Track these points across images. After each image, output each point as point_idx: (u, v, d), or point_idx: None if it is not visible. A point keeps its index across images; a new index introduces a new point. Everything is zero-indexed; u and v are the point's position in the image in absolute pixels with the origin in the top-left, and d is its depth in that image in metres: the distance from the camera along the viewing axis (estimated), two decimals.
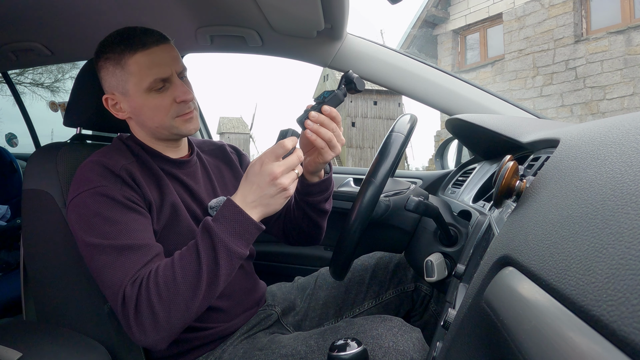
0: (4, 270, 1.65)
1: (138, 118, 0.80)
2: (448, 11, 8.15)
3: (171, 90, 0.77)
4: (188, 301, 0.64)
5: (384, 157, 0.73)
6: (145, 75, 0.74)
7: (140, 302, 0.63)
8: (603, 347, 0.18)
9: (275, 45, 1.25)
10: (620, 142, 0.30)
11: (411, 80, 1.20)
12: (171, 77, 0.76)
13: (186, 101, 0.77)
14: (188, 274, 0.64)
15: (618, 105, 5.74)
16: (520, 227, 0.35)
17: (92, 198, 0.70)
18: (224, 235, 0.65)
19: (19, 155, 2.14)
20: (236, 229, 0.66)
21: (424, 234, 0.86)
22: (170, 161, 0.84)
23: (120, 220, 0.69)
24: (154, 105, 0.76)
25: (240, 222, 0.66)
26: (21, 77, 3.98)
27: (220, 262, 0.65)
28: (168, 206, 0.78)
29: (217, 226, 0.66)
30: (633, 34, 5.57)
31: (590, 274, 0.21)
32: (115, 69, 0.76)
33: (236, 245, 0.66)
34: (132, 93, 0.76)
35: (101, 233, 0.67)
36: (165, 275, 0.64)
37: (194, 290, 0.64)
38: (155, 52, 0.75)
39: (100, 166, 0.74)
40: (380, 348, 0.70)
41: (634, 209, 0.22)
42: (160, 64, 0.75)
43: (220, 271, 0.65)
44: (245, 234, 0.67)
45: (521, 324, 0.25)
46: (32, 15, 1.08)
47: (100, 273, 0.67)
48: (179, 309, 0.63)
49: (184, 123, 0.79)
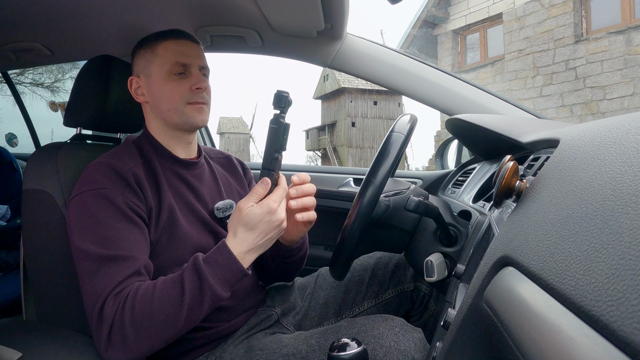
0: (4, 270, 1.65)
1: (154, 101, 0.84)
2: (448, 11, 8.15)
3: (189, 79, 0.82)
4: (161, 331, 0.65)
5: (384, 157, 0.73)
6: (169, 59, 0.81)
7: (114, 323, 0.64)
8: (603, 347, 0.18)
9: (275, 45, 1.25)
10: (620, 142, 0.30)
11: (411, 80, 1.20)
12: (191, 66, 0.83)
13: (201, 89, 0.82)
14: (167, 305, 0.65)
15: (618, 105, 5.74)
16: (520, 227, 0.35)
17: (93, 199, 0.71)
18: (213, 281, 0.66)
19: (19, 155, 2.14)
20: (226, 276, 0.67)
21: (424, 234, 0.86)
22: (178, 161, 0.87)
23: (113, 226, 0.70)
24: (171, 88, 0.82)
25: (232, 270, 0.68)
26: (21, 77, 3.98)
27: (205, 304, 0.66)
28: (165, 213, 0.79)
29: (208, 270, 0.67)
30: (633, 34, 5.57)
31: (590, 274, 0.21)
32: (145, 52, 0.84)
33: (223, 290, 0.67)
34: (154, 74, 0.83)
35: (92, 238, 0.68)
36: (144, 301, 0.64)
37: (170, 322, 0.65)
38: (184, 43, 0.83)
39: (107, 167, 0.75)
40: (381, 347, 0.70)
41: (634, 209, 0.22)
42: (185, 53, 0.82)
43: (201, 311, 0.67)
44: (233, 280, 0.69)
45: (521, 324, 0.25)
46: (32, 15, 1.08)
47: (82, 279, 0.68)
48: (149, 336, 0.65)
49: (194, 112, 0.83)
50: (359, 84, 17.75)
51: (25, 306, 0.98)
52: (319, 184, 1.54)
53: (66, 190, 0.86)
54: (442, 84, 1.19)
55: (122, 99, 0.94)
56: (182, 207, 0.82)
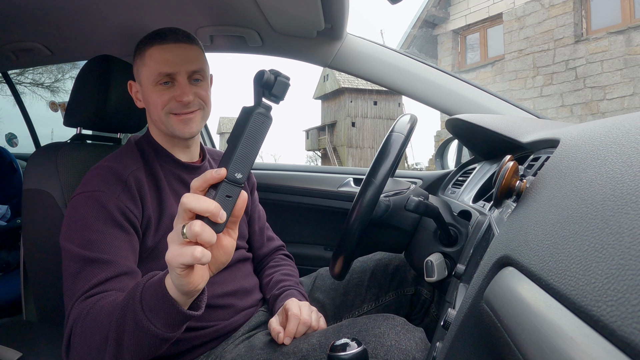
0: (4, 270, 1.65)
1: (147, 108, 0.83)
2: (448, 11, 8.15)
3: (174, 89, 0.79)
4: (94, 352, 0.57)
5: (384, 157, 0.73)
6: (153, 68, 0.78)
7: (74, 327, 0.61)
8: (603, 347, 0.18)
9: (275, 45, 1.25)
10: (620, 142, 0.30)
11: (411, 80, 1.20)
12: (177, 74, 0.79)
13: (183, 102, 0.78)
14: (101, 325, 0.57)
15: (618, 105, 5.74)
16: (520, 227, 0.35)
17: (84, 201, 0.71)
18: (137, 309, 0.53)
19: (19, 155, 2.14)
20: (153, 307, 0.53)
21: (424, 234, 0.85)
22: (180, 164, 0.86)
23: (99, 230, 0.69)
24: (155, 98, 0.80)
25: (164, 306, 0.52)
26: (21, 77, 3.98)
27: (126, 331, 0.54)
28: (168, 218, 0.78)
29: (134, 297, 0.54)
30: (633, 34, 5.58)
31: (590, 274, 0.21)
32: (137, 59, 0.82)
33: (151, 322, 0.53)
34: (143, 83, 0.81)
35: (77, 240, 0.68)
36: (95, 314, 0.59)
37: (100, 344, 0.57)
38: (170, 48, 0.78)
39: (107, 171, 0.75)
40: (382, 347, 0.70)
41: (634, 209, 0.22)
42: (170, 61, 0.78)
43: (124, 342, 0.55)
44: (168, 318, 0.53)
45: (521, 324, 0.25)
46: (32, 15, 1.08)
47: (65, 278, 0.67)
48: (86, 352, 0.58)
49: (178, 124, 0.80)
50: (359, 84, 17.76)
51: (25, 306, 0.99)
52: (319, 184, 1.54)
53: (66, 190, 0.86)
54: (442, 84, 1.19)
55: (122, 99, 0.94)
56: None
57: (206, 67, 0.84)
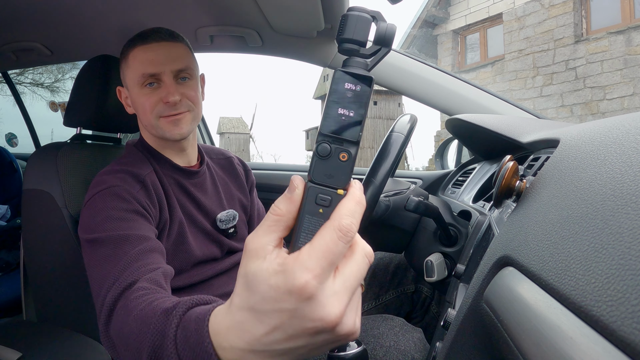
0: (4, 270, 1.65)
1: (137, 113, 0.81)
2: (448, 11, 8.15)
3: (161, 90, 0.76)
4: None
5: (384, 157, 0.73)
6: (137, 70, 0.75)
7: (116, 311, 0.51)
8: (603, 347, 0.18)
9: (275, 45, 1.25)
10: (620, 142, 0.30)
11: (411, 80, 1.20)
12: (162, 74, 0.75)
13: (170, 103, 0.75)
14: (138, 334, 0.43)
15: (618, 105, 5.73)
16: (520, 227, 0.35)
17: (103, 197, 0.68)
18: None
19: (19, 155, 2.14)
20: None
21: (424, 234, 0.85)
22: (179, 170, 0.83)
23: (124, 217, 0.65)
24: (143, 101, 0.76)
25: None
26: (21, 77, 3.98)
27: None
28: (176, 224, 0.77)
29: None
30: (633, 34, 5.57)
31: (590, 274, 0.21)
32: (122, 63, 0.80)
33: None
34: (129, 87, 0.78)
35: (102, 227, 0.63)
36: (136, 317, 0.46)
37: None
38: (153, 48, 0.75)
39: (123, 172, 0.72)
40: (381, 347, 0.70)
41: (634, 209, 0.22)
42: (153, 61, 0.74)
43: None
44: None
45: (521, 324, 0.25)
46: (32, 15, 1.07)
47: (94, 268, 0.60)
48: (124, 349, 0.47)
49: (168, 125, 0.77)
50: None
51: (25, 306, 0.99)
52: None
53: (66, 190, 0.86)
54: (442, 84, 1.19)
55: None
56: (186, 219, 0.80)
57: (194, 65, 0.80)
